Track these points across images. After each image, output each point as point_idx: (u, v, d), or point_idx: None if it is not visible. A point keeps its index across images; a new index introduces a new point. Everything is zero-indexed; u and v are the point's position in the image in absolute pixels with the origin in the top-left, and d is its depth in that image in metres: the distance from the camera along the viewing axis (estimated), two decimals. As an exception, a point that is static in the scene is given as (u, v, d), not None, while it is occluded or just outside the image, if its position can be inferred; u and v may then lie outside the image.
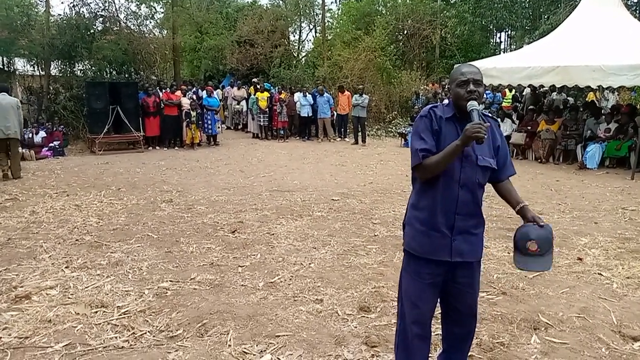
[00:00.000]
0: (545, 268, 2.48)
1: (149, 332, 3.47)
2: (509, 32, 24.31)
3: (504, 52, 22.31)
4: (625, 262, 4.88)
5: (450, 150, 2.32)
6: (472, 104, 2.37)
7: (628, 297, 4.08)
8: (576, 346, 3.29)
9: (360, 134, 14.61)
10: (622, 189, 8.42)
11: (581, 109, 12.19)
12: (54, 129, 12.69)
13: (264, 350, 3.23)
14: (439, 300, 2.64)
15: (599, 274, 4.58)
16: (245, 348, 3.26)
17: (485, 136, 2.26)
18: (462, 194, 2.42)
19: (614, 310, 3.81)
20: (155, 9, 19.16)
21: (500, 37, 26.17)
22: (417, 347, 2.62)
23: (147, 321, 3.62)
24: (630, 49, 9.49)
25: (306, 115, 15.18)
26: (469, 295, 2.58)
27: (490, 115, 2.63)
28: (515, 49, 18.39)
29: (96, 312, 3.76)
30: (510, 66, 11.17)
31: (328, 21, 24.06)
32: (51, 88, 15.53)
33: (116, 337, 3.39)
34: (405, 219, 2.62)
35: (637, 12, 21.28)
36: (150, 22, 18.79)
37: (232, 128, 18.37)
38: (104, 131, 12.54)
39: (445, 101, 14.15)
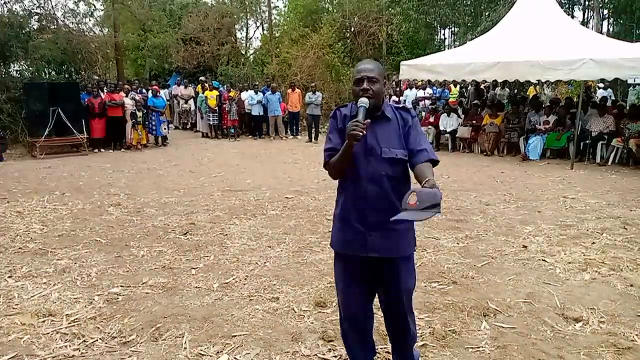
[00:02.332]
0: (417, 218, 2.19)
1: (100, 339, 3.37)
2: (452, 29, 24.95)
3: (448, 49, 22.89)
4: (566, 248, 5.13)
5: (343, 150, 2.36)
6: (362, 101, 2.35)
7: (570, 281, 4.29)
8: (523, 330, 3.44)
9: (314, 131, 14.64)
10: (563, 179, 8.83)
11: (521, 103, 12.68)
12: (-10, 133, 12.08)
13: (221, 351, 3.21)
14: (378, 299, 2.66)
15: (543, 260, 4.79)
16: (201, 350, 3.22)
17: (362, 134, 2.24)
18: (371, 189, 2.41)
19: (558, 294, 4.00)
20: (95, 6, 18.52)
21: (444, 34, 26.86)
22: (353, 340, 2.69)
23: (99, 328, 3.52)
24: (564, 44, 9.95)
25: (257, 114, 15.07)
26: (394, 294, 2.55)
27: (402, 106, 2.62)
28: (458, 45, 18.91)
29: (44, 321, 3.61)
30: (455, 62, 11.49)
31: (275, 18, 23.97)
32: (-15, 90, 14.76)
33: (66, 346, 3.27)
34: None
35: (570, 9, 22.34)
36: (90, 20, 18.15)
37: (180, 128, 18.02)
38: (45, 134, 12.02)
39: (396, 98, 14.25)
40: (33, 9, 15.54)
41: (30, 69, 15.27)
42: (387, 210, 2.35)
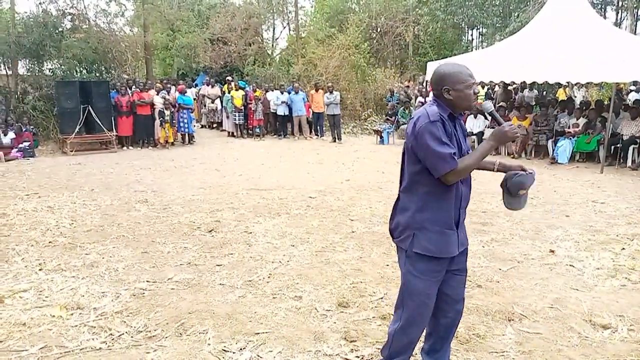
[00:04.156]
0: (524, 205, 2.85)
1: (126, 332, 3.44)
2: (481, 30, 24.64)
3: (475, 50, 22.62)
4: (595, 253, 5.02)
5: (486, 150, 2.46)
6: (490, 105, 2.61)
7: (598, 287, 4.20)
8: (549, 336, 3.38)
9: (335, 131, 14.64)
10: (592, 183, 8.64)
11: (551, 105, 12.46)
12: (24, 129, 12.38)
13: (244, 348, 3.24)
14: None
15: (570, 265, 4.70)
16: (224, 346, 3.26)
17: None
18: (464, 189, 2.56)
19: (585, 300, 3.93)
20: (125, 7, 18.79)
21: (472, 35, 26.51)
22: (412, 348, 2.73)
23: (125, 322, 3.59)
24: (596, 45, 9.73)
25: (282, 114, 15.14)
26: (462, 278, 2.72)
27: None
28: (486, 46, 18.67)
29: (72, 314, 3.70)
30: (482, 63, 11.32)
31: (301, 19, 24.02)
32: (19, 87, 15.16)
33: (93, 339, 3.34)
34: (405, 224, 2.55)
35: (602, 10, 21.86)
36: (121, 20, 18.43)
37: (207, 127, 18.23)
38: (76, 131, 12.30)
39: (422, 99, 14.12)
40: (66, 9, 15.89)
41: (63, 67, 15.62)
42: (466, 208, 2.63)
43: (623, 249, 5.15)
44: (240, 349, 3.22)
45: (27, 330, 3.45)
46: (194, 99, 16.92)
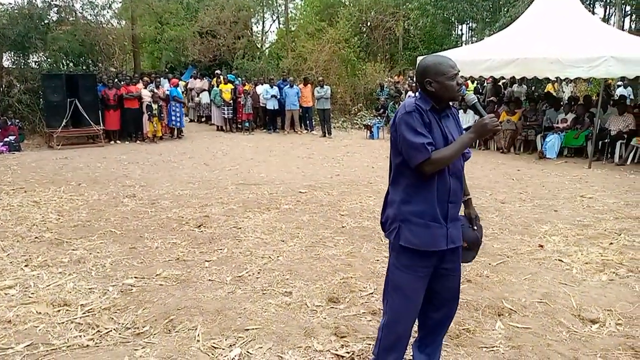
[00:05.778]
0: (465, 260, 2.75)
1: (114, 329, 3.39)
2: (470, 25, 24.68)
3: (465, 44, 22.66)
4: (583, 248, 5.05)
5: (464, 143, 2.40)
6: (474, 97, 2.53)
7: (587, 282, 4.22)
8: (539, 330, 3.39)
9: (325, 126, 14.61)
10: (580, 178, 8.70)
11: (540, 100, 12.52)
12: (9, 123, 12.20)
13: (233, 344, 3.21)
14: None
15: (559, 260, 4.73)
16: (214, 342, 3.23)
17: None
18: (453, 183, 2.48)
19: (574, 294, 3.94)
20: (113, -2, 18.62)
21: (461, 29, 26.56)
22: (402, 345, 2.68)
23: (113, 319, 3.55)
24: (585, 41, 9.78)
25: (272, 108, 15.06)
26: (455, 278, 2.67)
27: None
28: (476, 41, 18.70)
29: (59, 311, 3.65)
30: (472, 58, 11.35)
31: (291, 12, 23.96)
32: (4, 80, 14.93)
33: (81, 336, 3.30)
34: (393, 216, 2.54)
35: (591, 5, 21.97)
36: (108, 12, 18.22)
37: (195, 121, 18.11)
38: (62, 125, 12.15)
39: (413, 94, 14.18)
40: (52, 1, 15.66)
41: (49, 60, 15.43)
42: (459, 202, 2.58)
43: (611, 243, 5.18)
44: (230, 345, 3.20)
45: (12, 328, 3.39)
46: (182, 92, 16.81)
